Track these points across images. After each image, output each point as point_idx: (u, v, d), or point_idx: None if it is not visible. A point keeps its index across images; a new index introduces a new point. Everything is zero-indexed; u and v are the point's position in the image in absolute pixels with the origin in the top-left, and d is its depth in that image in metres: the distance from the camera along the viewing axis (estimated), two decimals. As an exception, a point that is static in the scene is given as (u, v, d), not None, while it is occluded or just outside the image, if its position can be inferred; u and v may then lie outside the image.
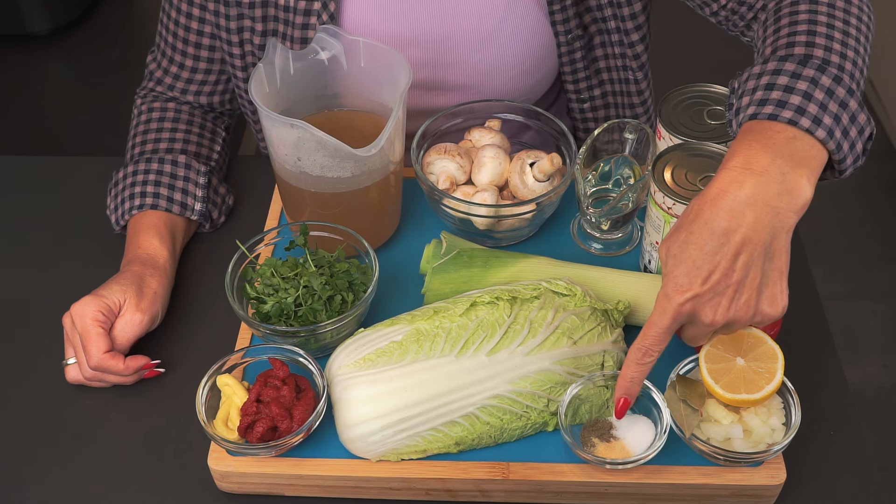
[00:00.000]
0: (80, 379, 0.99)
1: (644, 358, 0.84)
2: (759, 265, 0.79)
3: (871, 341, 2.19)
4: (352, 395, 0.87)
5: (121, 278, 1.02)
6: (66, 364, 0.99)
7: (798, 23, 0.90)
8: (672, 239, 0.81)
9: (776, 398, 0.89)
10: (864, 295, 2.29)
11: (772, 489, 0.88)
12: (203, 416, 0.88)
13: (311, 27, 1.12)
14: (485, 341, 0.88)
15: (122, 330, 0.99)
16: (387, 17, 1.13)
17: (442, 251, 1.01)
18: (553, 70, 1.20)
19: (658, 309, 0.82)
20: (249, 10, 1.13)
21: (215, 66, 1.21)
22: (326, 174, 0.98)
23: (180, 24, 1.17)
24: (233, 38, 1.15)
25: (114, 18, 2.48)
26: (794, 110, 0.81)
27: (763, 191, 0.78)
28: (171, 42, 1.19)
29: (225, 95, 1.24)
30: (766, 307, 0.80)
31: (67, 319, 0.98)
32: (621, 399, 0.86)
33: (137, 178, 1.11)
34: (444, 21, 1.13)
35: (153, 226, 1.08)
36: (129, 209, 1.10)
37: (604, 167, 1.07)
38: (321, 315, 0.95)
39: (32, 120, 2.21)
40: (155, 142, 1.17)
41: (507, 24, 1.13)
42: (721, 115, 1.04)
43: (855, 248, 2.40)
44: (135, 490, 0.92)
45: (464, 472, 0.88)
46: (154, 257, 1.05)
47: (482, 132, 1.12)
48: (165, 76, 1.22)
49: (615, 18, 1.15)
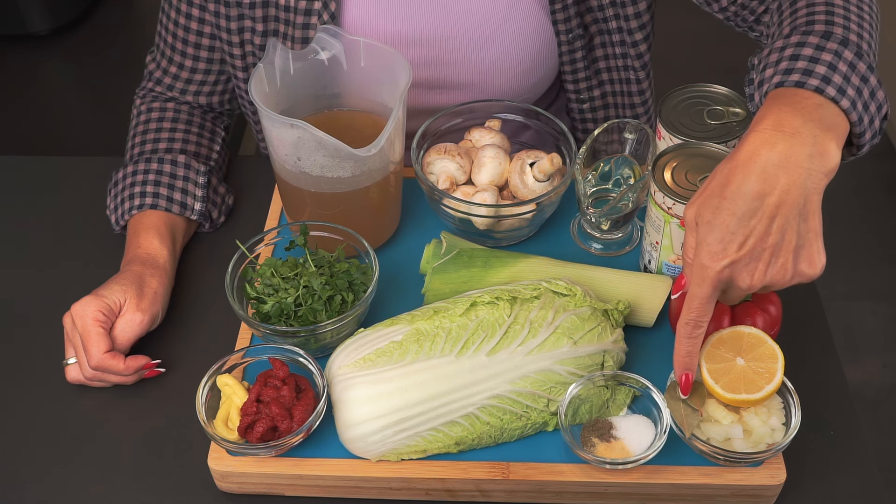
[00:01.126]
0: (81, 379, 0.99)
1: (694, 331, 0.83)
2: (795, 227, 0.79)
3: (871, 341, 2.19)
4: (352, 395, 0.87)
5: (121, 278, 1.02)
6: (67, 364, 0.99)
7: (816, 4, 0.90)
8: (703, 205, 0.80)
9: (776, 398, 0.89)
10: (864, 295, 2.29)
11: (772, 489, 0.88)
12: (203, 416, 0.88)
13: (312, 27, 1.12)
14: (485, 341, 0.88)
15: (122, 330, 0.99)
16: (388, 17, 1.13)
17: (442, 251, 1.01)
18: (553, 69, 1.20)
19: (696, 279, 0.81)
20: (250, 10, 1.13)
21: (215, 66, 1.21)
22: (326, 174, 0.99)
23: (180, 24, 1.17)
24: (233, 38, 1.15)
25: (114, 18, 2.48)
26: (819, 79, 0.81)
27: (796, 152, 0.78)
28: (170, 42, 1.19)
29: (224, 96, 1.24)
30: (805, 268, 0.80)
31: (68, 319, 0.98)
32: (683, 375, 0.86)
33: (137, 178, 1.11)
34: (445, 20, 1.13)
35: (153, 226, 1.08)
36: (128, 209, 1.10)
37: (604, 167, 1.07)
38: (321, 315, 0.95)
39: (32, 120, 2.21)
40: (154, 142, 1.17)
41: (510, 23, 1.13)
42: (721, 115, 1.04)
43: (855, 248, 2.40)
44: (135, 490, 0.92)
45: (464, 472, 0.88)
46: (154, 257, 1.05)
47: (482, 132, 1.12)
48: (165, 76, 1.22)
49: (617, 18, 1.15)
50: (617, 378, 0.90)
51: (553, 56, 1.18)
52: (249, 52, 1.16)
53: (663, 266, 1.01)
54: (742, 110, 1.03)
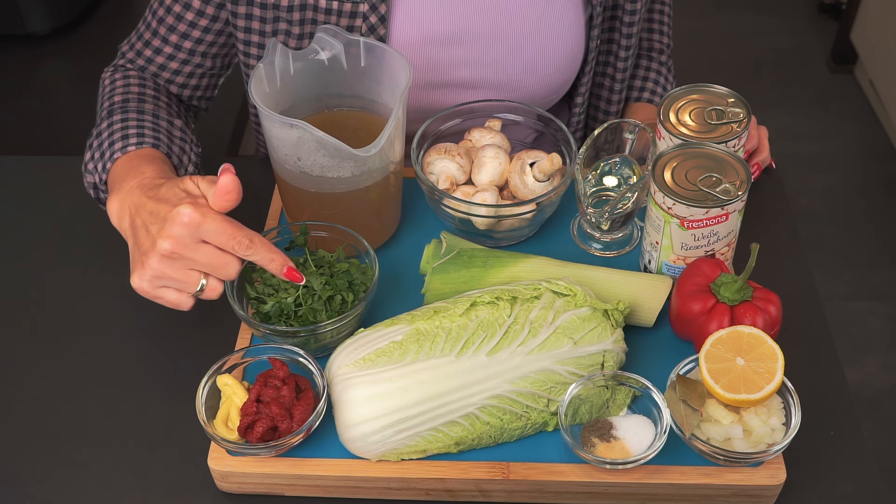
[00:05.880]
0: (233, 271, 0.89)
1: None
2: None
3: (871, 341, 2.19)
4: (352, 395, 0.87)
5: (157, 178, 0.93)
6: (198, 291, 0.90)
7: None
8: None
9: (776, 398, 0.89)
10: (864, 295, 2.29)
11: (772, 489, 0.88)
12: (203, 416, 0.88)
13: (356, 29, 1.10)
14: (485, 341, 0.88)
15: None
16: (435, 17, 1.12)
17: (442, 251, 1.01)
18: (576, 71, 1.21)
19: None
20: (287, 13, 1.10)
21: (195, 58, 1.16)
22: (326, 174, 0.99)
23: (173, 11, 1.13)
24: (266, 40, 1.12)
25: (114, 18, 2.48)
26: None
27: None
28: (153, 27, 1.14)
29: (196, 91, 1.20)
30: None
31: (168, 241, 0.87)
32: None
33: (129, 123, 1.04)
34: (487, 18, 1.13)
35: (158, 158, 1.00)
36: (121, 148, 1.00)
37: (604, 167, 1.08)
38: (321, 315, 0.95)
39: (32, 120, 2.20)
40: (124, 93, 1.11)
41: (546, 21, 1.15)
42: (721, 115, 1.04)
43: (855, 248, 2.40)
44: (135, 490, 0.92)
45: (464, 472, 0.88)
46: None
47: (482, 132, 1.12)
48: (138, 58, 1.17)
49: (629, 26, 1.19)
50: (617, 378, 0.90)
51: (580, 57, 1.20)
52: None
53: (663, 266, 1.01)
54: (742, 110, 1.03)
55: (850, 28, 2.82)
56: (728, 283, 0.94)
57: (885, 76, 2.66)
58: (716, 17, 3.04)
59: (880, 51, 2.67)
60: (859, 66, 2.86)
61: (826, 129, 2.73)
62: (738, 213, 0.96)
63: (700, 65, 2.84)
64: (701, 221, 0.95)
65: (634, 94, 1.30)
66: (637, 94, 1.30)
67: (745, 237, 1.04)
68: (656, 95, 1.30)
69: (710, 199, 0.94)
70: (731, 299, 0.93)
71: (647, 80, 1.30)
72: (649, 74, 1.31)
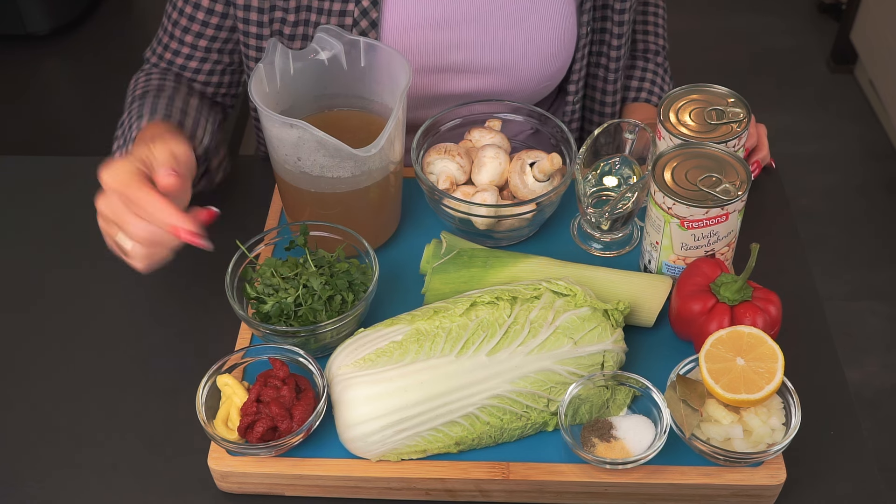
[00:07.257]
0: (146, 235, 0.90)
1: None
2: None
3: (871, 341, 2.19)
4: (352, 395, 0.87)
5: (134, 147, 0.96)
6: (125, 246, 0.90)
7: None
8: None
9: (776, 398, 0.89)
10: (864, 295, 2.29)
11: (772, 489, 0.88)
12: (203, 416, 0.88)
13: (349, 14, 1.11)
14: (485, 341, 0.88)
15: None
16: (428, 0, 1.13)
17: (442, 251, 1.01)
18: (570, 58, 1.21)
19: None
20: (284, 1, 1.12)
21: (213, 55, 1.19)
22: (326, 174, 0.99)
23: (185, 12, 1.16)
24: (264, 31, 1.13)
25: (114, 18, 2.48)
26: None
27: None
28: (170, 30, 1.18)
29: (220, 88, 1.23)
30: None
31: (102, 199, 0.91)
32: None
33: (144, 107, 1.09)
34: (479, 0, 1.14)
35: (167, 129, 1.03)
36: (137, 126, 1.05)
37: (604, 167, 1.08)
38: (321, 315, 0.95)
39: (32, 120, 2.21)
40: (145, 87, 1.16)
41: (538, 5, 1.15)
42: (721, 115, 1.04)
43: (855, 248, 2.40)
44: (135, 490, 0.92)
45: (464, 472, 0.88)
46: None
47: (482, 132, 1.12)
48: (161, 61, 1.20)
49: (621, 13, 1.18)
50: (617, 378, 0.90)
51: (573, 42, 1.20)
52: None
53: (663, 266, 1.01)
54: (742, 110, 1.03)
55: (850, 28, 2.82)
56: (728, 283, 0.94)
57: (885, 76, 2.66)
58: (716, 16, 3.04)
59: (880, 51, 2.67)
60: (859, 66, 2.85)
61: (826, 129, 2.72)
62: (738, 213, 0.96)
63: (700, 65, 2.84)
64: (701, 221, 0.95)
65: (631, 94, 1.31)
66: (634, 95, 1.30)
67: (745, 237, 1.04)
68: (654, 95, 1.29)
69: (710, 199, 0.94)
70: (731, 299, 0.93)
71: (643, 80, 1.30)
72: (646, 75, 1.31)
